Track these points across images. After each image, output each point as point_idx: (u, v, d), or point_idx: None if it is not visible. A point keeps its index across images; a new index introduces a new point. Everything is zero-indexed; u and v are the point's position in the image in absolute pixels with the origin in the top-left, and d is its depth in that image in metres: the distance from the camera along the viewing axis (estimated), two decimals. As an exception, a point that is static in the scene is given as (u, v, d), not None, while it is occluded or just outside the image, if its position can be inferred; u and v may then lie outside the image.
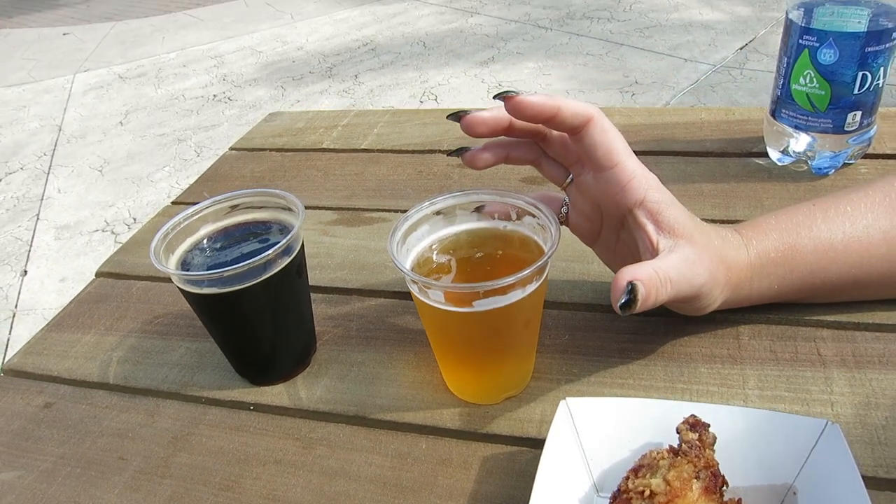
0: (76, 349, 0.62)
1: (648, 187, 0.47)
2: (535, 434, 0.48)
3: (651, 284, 0.43)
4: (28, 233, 2.83)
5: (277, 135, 0.97)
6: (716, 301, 0.49)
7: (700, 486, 0.37)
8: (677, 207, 0.48)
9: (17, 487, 0.50)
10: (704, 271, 0.46)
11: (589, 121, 0.46)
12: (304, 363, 0.56)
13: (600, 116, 0.47)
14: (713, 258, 0.47)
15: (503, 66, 3.80)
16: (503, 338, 0.46)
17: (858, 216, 0.51)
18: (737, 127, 0.82)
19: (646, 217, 0.47)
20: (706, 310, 0.50)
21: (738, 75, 3.26)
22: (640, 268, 0.44)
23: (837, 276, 0.51)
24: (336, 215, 0.76)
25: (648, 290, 0.43)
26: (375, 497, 0.45)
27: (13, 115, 4.07)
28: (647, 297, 0.43)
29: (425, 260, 0.49)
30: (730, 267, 0.49)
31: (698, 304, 0.49)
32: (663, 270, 0.44)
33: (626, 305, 0.42)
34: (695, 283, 0.46)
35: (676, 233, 0.47)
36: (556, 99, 0.46)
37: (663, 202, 0.47)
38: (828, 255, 0.50)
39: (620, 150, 0.47)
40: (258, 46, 4.72)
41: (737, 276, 0.49)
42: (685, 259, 0.46)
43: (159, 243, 0.50)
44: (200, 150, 3.33)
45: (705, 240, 0.48)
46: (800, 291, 0.52)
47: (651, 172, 0.48)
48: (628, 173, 0.47)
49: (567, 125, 0.47)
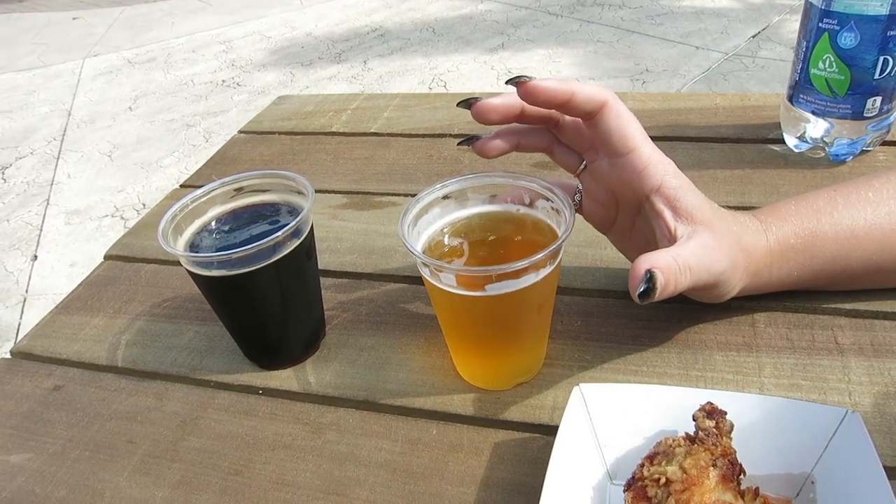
0: (85, 332, 0.62)
1: (665, 173, 0.46)
2: (547, 420, 0.47)
3: (670, 272, 0.42)
4: (38, 217, 2.84)
5: (286, 118, 0.96)
6: (735, 288, 0.48)
7: (717, 475, 0.36)
8: (695, 193, 0.47)
9: (27, 470, 0.49)
10: (724, 258, 0.45)
11: (604, 105, 0.45)
12: (314, 347, 0.56)
13: (615, 101, 0.46)
14: (732, 244, 0.46)
15: (513, 53, 3.77)
16: (515, 323, 0.46)
17: (881, 202, 0.50)
18: (752, 113, 0.81)
19: (663, 203, 0.46)
20: (725, 297, 0.49)
21: (751, 64, 3.22)
22: (659, 255, 0.43)
23: (858, 262, 0.50)
24: (345, 199, 0.75)
25: (667, 278, 0.42)
26: (385, 482, 0.45)
27: (23, 100, 4.08)
28: (666, 285, 0.42)
29: (437, 243, 0.49)
30: (749, 253, 0.48)
31: (717, 292, 0.48)
32: (682, 258, 0.43)
33: (645, 294, 0.42)
34: (714, 270, 0.45)
35: (695, 219, 0.46)
36: (569, 83, 0.45)
37: (681, 188, 0.46)
38: (849, 241, 0.49)
39: (636, 136, 0.46)
40: (267, 32, 4.71)
41: (756, 263, 0.49)
42: (704, 246, 0.45)
43: (167, 225, 0.49)
44: (209, 135, 3.33)
45: (724, 226, 0.47)
46: (819, 278, 0.51)
47: (668, 159, 0.47)
48: (644, 159, 0.46)
49: (581, 110, 0.46)
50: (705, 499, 0.36)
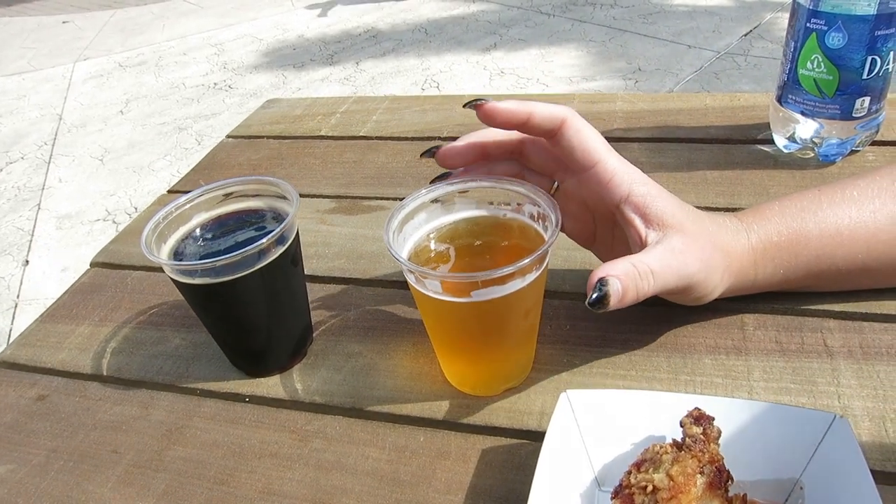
0: (70, 340, 0.61)
1: (633, 181, 0.47)
2: (535, 427, 0.47)
3: (629, 279, 0.42)
4: (29, 222, 2.83)
5: (275, 122, 0.95)
6: (716, 289, 0.48)
7: (704, 482, 0.36)
8: (665, 199, 0.47)
9: (8, 482, 0.49)
10: (695, 260, 0.45)
11: (563, 122, 0.46)
12: (301, 354, 0.55)
13: (574, 117, 0.47)
14: (706, 245, 0.47)
15: (505, 53, 3.77)
16: (502, 328, 0.45)
17: (865, 201, 0.50)
18: (742, 113, 0.80)
19: (633, 211, 0.47)
20: (707, 298, 0.49)
21: (743, 62, 3.23)
22: (617, 263, 0.43)
23: (844, 261, 0.49)
24: (334, 203, 0.75)
25: (626, 286, 0.42)
26: (372, 491, 0.45)
27: (13, 104, 4.06)
28: (624, 292, 0.42)
29: (423, 249, 0.48)
30: (728, 252, 0.48)
31: (695, 294, 0.48)
32: (643, 263, 0.43)
33: (598, 302, 0.42)
34: (684, 272, 0.45)
35: (665, 224, 0.46)
36: (527, 104, 0.46)
37: (649, 195, 0.47)
38: (834, 239, 0.49)
39: (599, 149, 0.47)
40: (259, 34, 4.69)
41: (738, 262, 0.48)
42: (670, 249, 0.45)
43: (150, 234, 0.49)
44: (201, 138, 3.31)
45: (698, 227, 0.47)
46: (806, 277, 0.50)
47: (634, 167, 0.48)
48: (610, 170, 0.47)
49: (541, 129, 0.47)
50: (693, 506, 0.35)
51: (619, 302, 0.42)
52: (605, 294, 0.42)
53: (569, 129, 0.46)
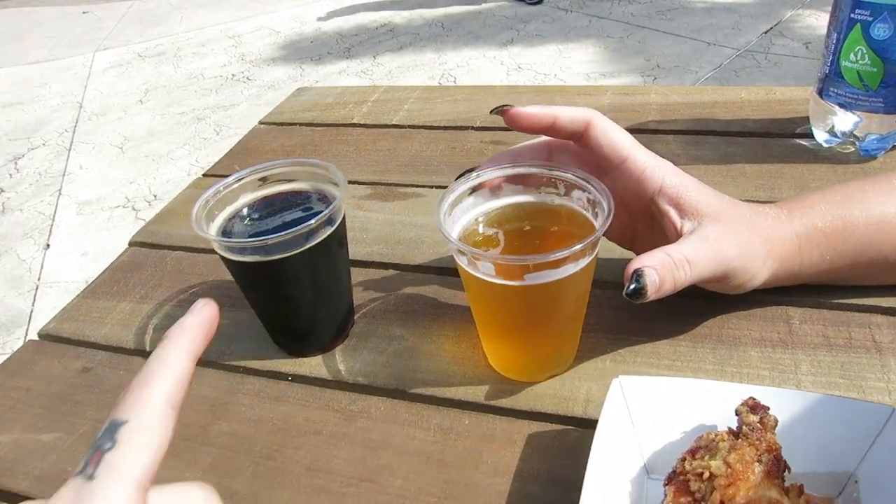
0: (112, 316, 0.61)
1: (664, 173, 0.47)
2: (580, 413, 0.47)
3: (664, 269, 0.43)
4: (50, 207, 2.85)
5: (307, 109, 0.96)
6: (757, 275, 0.48)
7: (762, 470, 0.36)
8: (699, 189, 0.47)
9: (57, 449, 0.49)
10: (732, 246, 0.46)
11: (588, 124, 0.47)
12: (343, 335, 0.55)
13: (598, 117, 0.48)
14: (743, 231, 0.47)
15: (522, 49, 3.76)
16: (552, 313, 0.45)
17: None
18: (779, 107, 0.80)
19: (667, 203, 0.47)
20: (748, 285, 0.49)
21: (763, 60, 3.21)
22: (652, 254, 0.44)
23: (892, 250, 0.49)
24: (369, 190, 0.75)
25: (662, 276, 0.43)
26: (419, 470, 0.45)
27: (35, 92, 4.08)
28: (661, 282, 0.43)
29: (471, 232, 0.48)
30: (769, 237, 0.48)
31: (735, 281, 0.48)
32: (679, 253, 0.44)
33: (635, 293, 0.43)
34: (721, 259, 0.45)
35: (700, 212, 0.46)
36: (551, 108, 0.47)
37: (682, 185, 0.47)
38: (882, 226, 0.49)
39: (626, 145, 0.48)
40: (276, 26, 4.70)
41: (781, 248, 0.48)
42: (705, 238, 0.45)
43: (200, 210, 0.49)
44: (219, 129, 3.33)
45: (734, 215, 0.47)
46: (854, 267, 0.50)
47: (665, 160, 0.48)
48: (640, 164, 0.47)
49: (567, 132, 0.48)
50: (750, 494, 0.35)
51: (657, 292, 0.43)
52: (642, 285, 0.42)
53: (595, 128, 0.47)
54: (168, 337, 0.30)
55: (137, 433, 0.26)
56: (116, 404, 0.27)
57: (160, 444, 0.27)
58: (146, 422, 0.27)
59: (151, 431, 0.26)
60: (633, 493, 0.40)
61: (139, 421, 0.26)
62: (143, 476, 0.25)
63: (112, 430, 0.26)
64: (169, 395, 0.28)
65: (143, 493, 0.25)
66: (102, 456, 0.25)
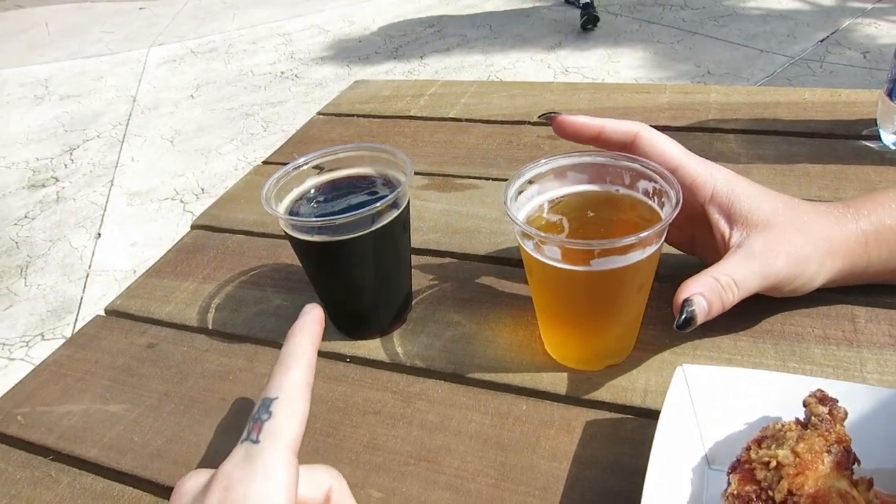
0: (175, 295, 0.63)
1: (715, 181, 0.48)
2: (639, 403, 0.47)
3: (712, 293, 0.44)
4: (102, 198, 2.93)
5: (364, 101, 0.97)
6: (816, 277, 0.48)
7: (832, 461, 0.35)
8: (751, 195, 0.47)
9: (124, 419, 0.51)
10: (781, 255, 0.46)
11: (636, 136, 0.48)
12: (401, 320, 0.56)
13: (646, 129, 0.49)
14: (796, 237, 0.46)
15: (570, 52, 3.74)
16: (616, 301, 0.45)
17: None
18: (844, 109, 0.78)
19: (718, 212, 0.48)
20: (807, 287, 0.48)
21: (818, 69, 3.13)
22: (698, 280, 0.44)
23: None
24: (427, 180, 0.76)
25: (710, 300, 0.44)
26: (477, 452, 0.45)
27: (91, 85, 4.21)
28: (710, 306, 0.44)
29: (535, 218, 0.48)
30: (828, 238, 0.47)
31: (790, 287, 0.48)
32: (725, 276, 0.45)
33: (685, 324, 0.43)
34: (768, 272, 0.45)
35: (750, 222, 0.47)
36: (598, 120, 0.49)
37: (733, 193, 0.47)
38: None
39: (676, 155, 0.48)
40: (325, 25, 4.76)
41: (844, 246, 0.48)
42: (751, 254, 0.46)
43: (271, 189, 0.50)
44: (267, 125, 3.38)
45: (787, 219, 0.47)
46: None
47: (718, 166, 0.49)
48: (691, 173, 0.48)
49: (614, 143, 0.49)
50: (819, 484, 0.35)
51: (706, 317, 0.44)
52: (692, 315, 0.43)
53: (642, 140, 0.48)
54: (294, 332, 0.37)
55: (286, 405, 0.33)
56: (265, 386, 0.34)
57: (303, 413, 0.33)
58: (291, 396, 0.33)
59: (296, 403, 0.33)
60: (695, 482, 0.40)
61: (285, 396, 0.33)
62: (294, 439, 0.32)
63: (266, 405, 0.33)
64: (304, 375, 0.35)
65: (295, 453, 0.32)
66: (262, 425, 0.32)
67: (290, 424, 0.32)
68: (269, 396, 0.33)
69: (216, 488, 0.31)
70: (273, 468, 0.31)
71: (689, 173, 0.48)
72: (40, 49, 5.01)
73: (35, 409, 0.53)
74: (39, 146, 3.50)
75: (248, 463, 0.31)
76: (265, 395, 0.34)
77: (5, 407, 0.54)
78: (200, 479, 0.33)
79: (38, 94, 4.19)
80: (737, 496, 0.36)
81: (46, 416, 0.53)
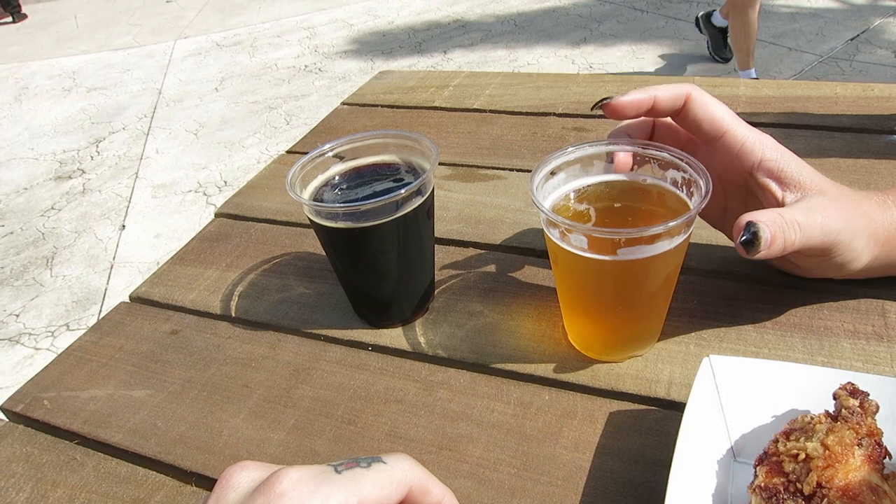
0: (199, 282, 0.64)
1: (764, 147, 0.47)
2: (663, 395, 0.46)
3: (776, 226, 0.42)
4: (127, 190, 2.97)
5: (388, 92, 0.97)
6: (861, 255, 0.47)
7: (863, 454, 0.35)
8: (800, 163, 0.47)
9: (148, 405, 0.52)
10: (839, 217, 0.45)
11: (687, 98, 0.47)
12: (423, 309, 0.56)
13: (697, 91, 0.47)
14: (848, 206, 0.46)
15: (595, 48, 3.71)
16: (641, 290, 0.45)
17: None
18: (876, 104, 0.77)
19: (767, 176, 0.47)
20: (852, 264, 0.47)
21: (847, 67, 3.08)
22: (763, 212, 0.43)
23: None
24: (450, 170, 0.75)
25: (774, 233, 0.42)
26: (499, 442, 0.45)
27: (118, 78, 4.26)
28: (773, 239, 0.42)
29: (562, 207, 0.48)
30: (872, 218, 0.46)
31: (840, 258, 0.46)
32: (789, 214, 0.43)
33: (749, 244, 0.42)
34: (829, 228, 0.44)
35: (803, 185, 0.46)
36: (649, 90, 0.47)
37: (783, 159, 0.46)
38: None
39: (726, 119, 0.47)
40: (350, 19, 4.77)
41: (885, 232, 0.47)
42: (813, 206, 0.44)
43: (296, 175, 0.50)
44: (290, 118, 3.40)
45: (838, 191, 0.46)
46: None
47: (765, 134, 0.47)
48: (740, 138, 0.47)
49: (666, 109, 0.48)
50: (850, 478, 0.34)
51: (768, 249, 0.42)
52: (756, 236, 0.41)
53: (694, 103, 0.47)
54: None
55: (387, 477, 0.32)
56: (391, 454, 0.34)
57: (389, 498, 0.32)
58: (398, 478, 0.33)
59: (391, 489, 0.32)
60: (720, 475, 0.39)
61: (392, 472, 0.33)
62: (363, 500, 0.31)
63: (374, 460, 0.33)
64: (425, 489, 0.34)
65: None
66: (355, 467, 0.32)
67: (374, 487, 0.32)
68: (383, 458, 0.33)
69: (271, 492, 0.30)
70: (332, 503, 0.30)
71: (738, 138, 0.47)
72: (68, 42, 5.08)
73: (61, 394, 0.54)
74: (66, 138, 3.55)
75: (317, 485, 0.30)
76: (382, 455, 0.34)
77: (32, 391, 0.55)
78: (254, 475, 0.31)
79: (65, 87, 4.25)
80: (764, 489, 0.35)
81: (72, 401, 0.53)
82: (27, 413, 0.53)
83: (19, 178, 3.23)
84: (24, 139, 3.62)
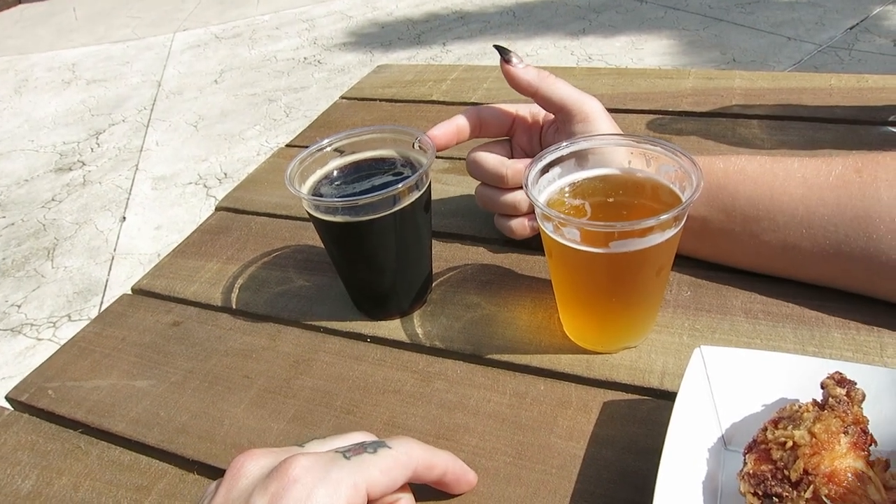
0: (200, 275, 0.64)
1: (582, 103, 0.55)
2: (657, 385, 0.47)
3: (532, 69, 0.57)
4: (127, 182, 2.97)
5: (387, 86, 0.97)
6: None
7: (848, 441, 0.36)
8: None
9: (150, 395, 0.52)
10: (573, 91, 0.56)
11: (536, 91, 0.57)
12: (421, 301, 0.57)
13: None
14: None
15: (594, 39, 3.71)
16: (634, 283, 0.46)
17: (786, 161, 0.52)
18: (870, 95, 0.77)
19: None
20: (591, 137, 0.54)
21: (846, 57, 3.08)
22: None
23: (748, 201, 0.51)
24: (448, 164, 0.76)
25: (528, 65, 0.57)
26: (494, 431, 0.46)
27: (117, 70, 4.26)
28: (526, 64, 0.57)
29: (557, 202, 0.49)
30: None
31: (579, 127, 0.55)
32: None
33: (503, 50, 0.57)
34: (576, 98, 0.55)
35: None
36: (452, 119, 0.58)
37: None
38: (737, 176, 0.51)
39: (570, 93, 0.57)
40: (348, 11, 4.77)
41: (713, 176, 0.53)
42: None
43: (294, 169, 0.51)
44: (289, 110, 3.40)
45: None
46: (722, 212, 0.52)
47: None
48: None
49: (495, 129, 0.61)
50: (836, 464, 0.35)
51: (520, 64, 0.57)
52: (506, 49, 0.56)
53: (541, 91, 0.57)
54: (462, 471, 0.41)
55: (392, 460, 0.35)
56: (393, 437, 0.37)
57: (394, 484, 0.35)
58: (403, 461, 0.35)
59: (398, 471, 0.35)
60: (711, 462, 0.40)
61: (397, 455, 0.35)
62: (372, 484, 0.33)
63: (380, 445, 0.35)
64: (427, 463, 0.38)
65: (364, 493, 0.33)
66: (363, 452, 0.34)
67: (380, 472, 0.33)
68: (388, 443, 0.35)
69: (285, 478, 0.31)
70: (343, 488, 0.32)
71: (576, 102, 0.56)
72: (68, 34, 5.08)
73: (65, 384, 0.55)
74: (66, 130, 3.56)
75: (328, 470, 0.32)
76: (387, 440, 0.35)
77: (36, 381, 0.56)
78: (263, 462, 0.33)
79: (65, 79, 4.25)
80: (752, 475, 0.36)
81: (76, 391, 0.54)
82: (32, 402, 0.54)
83: (20, 169, 3.24)
84: (24, 131, 3.62)
